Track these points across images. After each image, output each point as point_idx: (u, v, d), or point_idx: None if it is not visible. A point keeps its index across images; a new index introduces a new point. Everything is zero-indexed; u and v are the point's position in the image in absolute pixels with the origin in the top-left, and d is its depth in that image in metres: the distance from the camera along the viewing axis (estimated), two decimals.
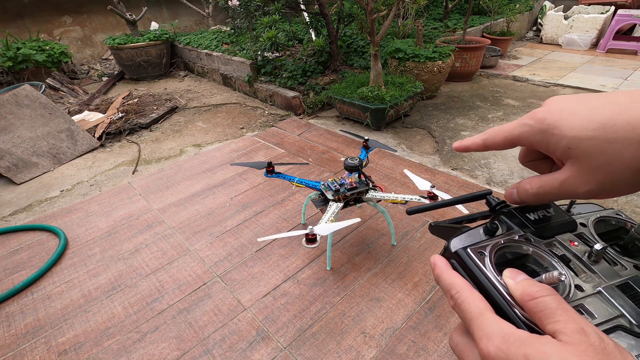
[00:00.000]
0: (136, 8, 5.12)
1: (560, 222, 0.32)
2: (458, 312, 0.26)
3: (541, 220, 0.31)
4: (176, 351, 1.24)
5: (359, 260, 1.56)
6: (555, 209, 0.33)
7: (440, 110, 3.09)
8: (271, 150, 2.58)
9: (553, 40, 4.93)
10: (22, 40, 4.15)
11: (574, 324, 0.21)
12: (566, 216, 0.32)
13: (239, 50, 3.94)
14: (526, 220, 0.31)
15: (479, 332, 0.23)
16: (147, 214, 1.97)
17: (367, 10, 2.38)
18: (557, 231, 0.31)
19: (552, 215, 0.32)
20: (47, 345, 1.30)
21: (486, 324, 0.23)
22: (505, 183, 2.07)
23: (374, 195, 1.42)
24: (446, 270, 0.29)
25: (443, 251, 0.31)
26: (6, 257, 1.74)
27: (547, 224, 0.31)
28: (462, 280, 0.27)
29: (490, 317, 0.24)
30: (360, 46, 3.84)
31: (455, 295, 0.26)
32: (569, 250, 0.30)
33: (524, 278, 0.25)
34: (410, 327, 1.27)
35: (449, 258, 0.30)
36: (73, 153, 2.70)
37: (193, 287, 1.49)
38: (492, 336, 0.22)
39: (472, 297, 0.25)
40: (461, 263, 0.29)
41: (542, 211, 0.32)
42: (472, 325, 0.24)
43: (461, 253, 0.29)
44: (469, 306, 0.25)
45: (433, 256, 0.31)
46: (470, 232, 0.31)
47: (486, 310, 0.24)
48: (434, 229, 0.37)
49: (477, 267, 0.27)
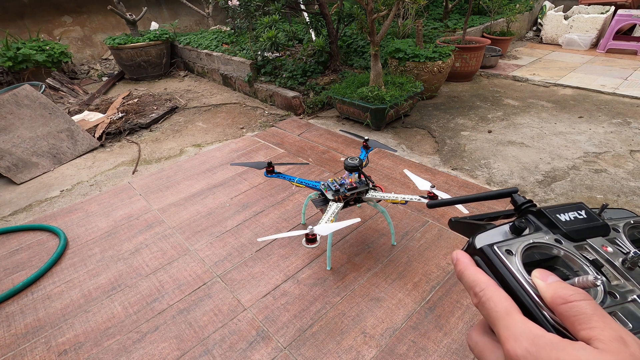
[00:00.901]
0: (136, 8, 5.12)
1: (593, 225, 0.30)
2: (482, 310, 0.25)
3: (572, 222, 0.30)
4: (176, 351, 1.24)
5: (359, 260, 1.56)
6: (588, 212, 0.31)
7: (440, 110, 3.09)
8: (271, 150, 2.58)
9: (553, 40, 4.93)
10: (22, 40, 4.15)
11: (612, 331, 0.20)
12: (599, 220, 0.31)
13: (239, 50, 3.94)
14: (557, 221, 0.30)
15: (506, 333, 0.22)
16: (147, 214, 1.97)
17: (367, 10, 2.38)
18: (589, 234, 0.29)
19: (584, 218, 0.31)
20: (47, 345, 1.30)
21: (514, 325, 0.22)
22: (505, 183, 2.07)
23: (374, 195, 1.42)
24: (470, 266, 0.28)
25: (466, 247, 0.30)
26: (6, 257, 1.74)
27: (579, 226, 0.30)
28: (487, 277, 0.26)
29: (518, 318, 0.23)
30: (360, 46, 3.84)
31: (480, 293, 0.25)
32: (601, 254, 0.28)
33: (555, 280, 0.23)
34: (410, 327, 1.27)
35: (473, 254, 0.29)
36: (73, 153, 2.70)
37: (193, 287, 1.49)
38: (520, 338, 0.21)
39: (499, 296, 0.25)
40: (486, 260, 0.27)
41: (573, 213, 0.31)
42: (498, 325, 0.23)
43: (487, 250, 0.28)
44: (494, 305, 0.24)
45: (455, 251, 0.30)
46: (496, 230, 0.30)
47: (514, 311, 0.23)
48: (454, 225, 0.36)
49: (504, 265, 0.26)
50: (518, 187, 2.03)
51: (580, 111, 2.92)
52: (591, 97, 3.18)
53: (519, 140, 2.53)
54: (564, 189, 1.98)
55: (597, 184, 2.01)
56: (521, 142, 2.50)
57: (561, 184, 2.03)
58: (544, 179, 2.09)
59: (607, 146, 2.38)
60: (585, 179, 2.06)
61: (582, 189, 1.97)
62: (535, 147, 2.42)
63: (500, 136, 2.59)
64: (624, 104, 3.00)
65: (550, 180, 2.07)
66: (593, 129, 2.62)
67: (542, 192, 1.97)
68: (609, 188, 1.96)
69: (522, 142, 2.50)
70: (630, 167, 2.14)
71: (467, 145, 2.50)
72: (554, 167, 2.19)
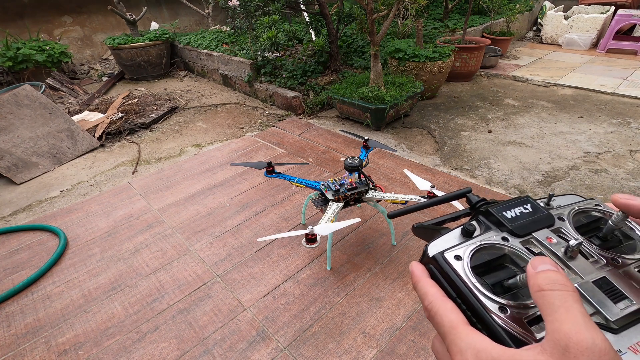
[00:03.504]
0: (136, 8, 5.12)
1: (537, 218, 0.31)
2: (433, 323, 0.25)
3: (517, 217, 0.31)
4: (176, 351, 1.24)
5: (359, 260, 1.56)
6: (533, 205, 0.32)
7: (440, 110, 3.09)
8: (271, 150, 2.58)
9: (553, 40, 4.93)
10: (22, 40, 4.15)
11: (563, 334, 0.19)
12: (543, 212, 0.32)
13: (239, 50, 3.94)
14: (502, 218, 0.31)
15: (453, 347, 0.23)
16: (147, 214, 1.97)
17: (367, 10, 2.38)
18: (534, 228, 0.30)
19: (529, 212, 0.31)
20: (47, 345, 1.30)
21: (459, 339, 0.23)
22: (505, 183, 2.07)
23: (374, 195, 1.42)
24: (422, 278, 0.28)
25: (422, 257, 0.30)
26: (6, 257, 1.73)
27: (523, 221, 0.31)
28: (436, 290, 0.27)
29: (462, 331, 0.23)
30: (360, 46, 3.84)
31: (429, 306, 0.26)
32: (545, 247, 0.29)
33: (545, 268, 0.23)
34: (410, 327, 1.27)
35: (428, 263, 0.29)
36: (73, 153, 2.70)
37: (193, 287, 1.49)
38: (464, 352, 0.22)
39: (445, 309, 0.25)
40: (439, 268, 0.28)
41: (519, 208, 0.32)
42: (445, 339, 0.24)
43: (438, 258, 0.28)
44: (441, 319, 0.24)
45: (412, 263, 0.30)
46: (448, 235, 0.31)
47: (459, 323, 0.23)
48: (416, 231, 0.36)
49: (454, 272, 0.27)
50: (518, 187, 2.03)
51: (580, 111, 2.92)
52: (591, 97, 3.18)
53: (519, 140, 2.53)
54: (564, 189, 1.98)
55: (597, 184, 2.01)
56: (521, 142, 2.50)
57: (561, 184, 2.03)
58: (544, 179, 2.09)
59: (607, 146, 2.38)
60: (585, 179, 2.06)
61: (582, 189, 1.97)
62: (535, 147, 2.42)
63: (500, 136, 2.59)
64: (624, 104, 3.00)
65: (550, 180, 2.07)
66: (593, 129, 2.62)
67: (542, 192, 1.97)
68: (609, 188, 1.96)
69: (522, 142, 2.50)
70: (630, 167, 2.14)
71: (467, 145, 2.50)
72: (554, 167, 2.19)
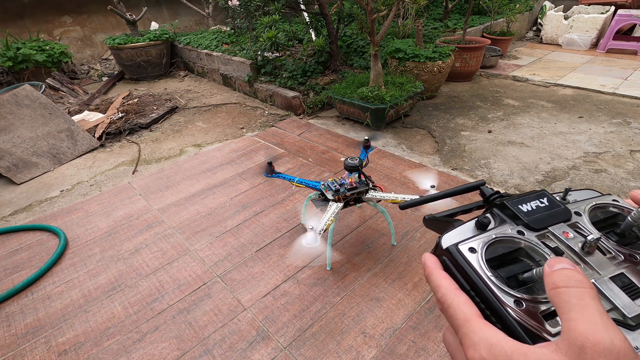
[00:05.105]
0: (136, 8, 5.12)
1: (554, 212, 0.31)
2: (446, 316, 0.25)
3: (534, 211, 0.30)
4: (176, 351, 1.24)
5: (359, 260, 1.56)
6: (549, 199, 0.32)
7: (440, 110, 3.09)
8: (271, 150, 2.58)
9: (553, 40, 4.93)
10: (22, 40, 4.15)
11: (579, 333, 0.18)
12: (560, 206, 0.31)
13: (239, 50, 3.94)
14: (518, 212, 0.30)
15: (466, 341, 0.22)
16: (147, 214, 1.97)
17: (367, 10, 2.38)
18: (550, 222, 0.30)
19: (546, 206, 0.31)
20: (47, 345, 1.30)
21: (472, 332, 0.22)
22: (505, 183, 2.07)
23: (374, 195, 1.42)
24: (435, 270, 0.28)
25: (435, 248, 0.30)
26: (6, 257, 1.73)
27: (540, 214, 0.30)
28: (450, 282, 0.26)
29: (476, 325, 0.23)
30: (360, 46, 3.84)
31: (442, 298, 0.25)
32: (562, 241, 0.29)
33: (562, 267, 0.22)
34: (411, 327, 1.27)
35: (441, 255, 0.29)
36: (73, 153, 2.70)
37: (193, 287, 1.49)
38: (477, 346, 0.21)
39: (458, 302, 0.24)
40: (453, 260, 0.28)
41: (535, 202, 0.31)
42: (458, 332, 0.23)
43: (452, 250, 0.28)
44: (454, 312, 0.24)
45: (424, 254, 0.30)
46: (462, 227, 0.30)
47: (472, 316, 0.23)
48: (428, 222, 0.36)
49: (468, 264, 0.27)
50: (518, 187, 2.03)
51: (580, 111, 2.92)
52: (591, 97, 3.18)
53: (519, 140, 2.53)
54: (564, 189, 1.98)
55: (597, 184, 2.01)
56: (521, 142, 2.50)
57: (561, 184, 2.03)
58: (544, 178, 2.09)
59: (607, 146, 2.38)
60: (585, 179, 2.06)
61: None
62: (535, 147, 2.42)
63: (500, 136, 2.59)
64: (624, 104, 3.00)
65: (550, 180, 2.07)
66: (593, 129, 2.62)
67: None
68: (609, 188, 1.96)
69: (522, 142, 2.50)
70: (630, 167, 2.14)
71: (467, 145, 2.50)
72: (554, 167, 2.19)
